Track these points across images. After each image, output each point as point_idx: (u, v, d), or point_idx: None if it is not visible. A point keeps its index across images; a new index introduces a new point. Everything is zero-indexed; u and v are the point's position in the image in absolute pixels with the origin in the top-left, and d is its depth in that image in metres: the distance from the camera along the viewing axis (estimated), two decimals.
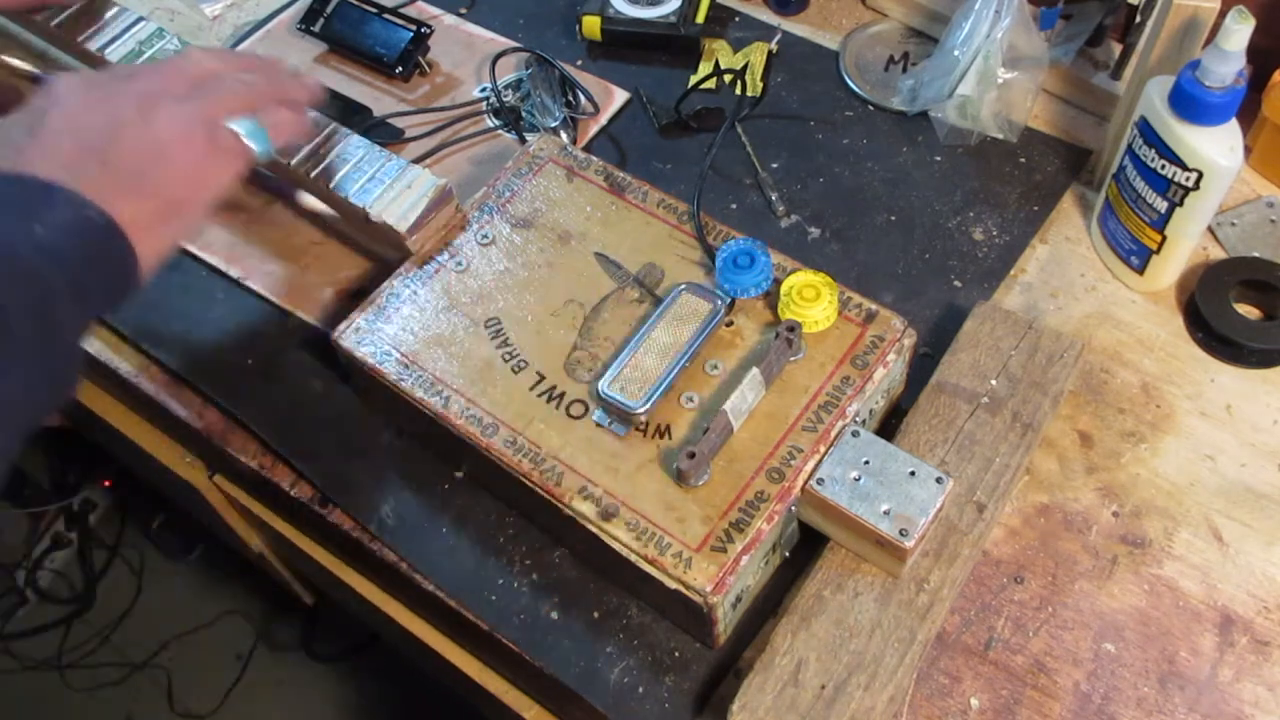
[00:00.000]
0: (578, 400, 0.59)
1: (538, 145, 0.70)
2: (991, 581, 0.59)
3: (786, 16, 0.89)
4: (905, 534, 0.53)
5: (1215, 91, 0.59)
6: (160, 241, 0.53)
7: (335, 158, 0.68)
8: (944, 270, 0.72)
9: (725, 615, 0.55)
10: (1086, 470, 0.63)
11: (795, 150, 0.79)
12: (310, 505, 0.66)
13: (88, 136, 0.51)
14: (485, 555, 0.62)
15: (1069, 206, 0.76)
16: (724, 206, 0.76)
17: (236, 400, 0.69)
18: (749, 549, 0.53)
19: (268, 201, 0.78)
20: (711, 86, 0.84)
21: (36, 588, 1.58)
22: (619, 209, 0.67)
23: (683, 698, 0.57)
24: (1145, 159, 0.64)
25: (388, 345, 0.61)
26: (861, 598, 0.56)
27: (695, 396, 0.58)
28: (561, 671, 0.59)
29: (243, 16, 0.92)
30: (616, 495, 0.55)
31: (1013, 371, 0.63)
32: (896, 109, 0.81)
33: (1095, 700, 0.55)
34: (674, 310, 0.60)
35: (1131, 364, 0.67)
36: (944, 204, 0.76)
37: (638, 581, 0.56)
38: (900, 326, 0.60)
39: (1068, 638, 0.57)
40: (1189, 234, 0.66)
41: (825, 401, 0.57)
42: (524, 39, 0.87)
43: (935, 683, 0.56)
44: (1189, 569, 0.59)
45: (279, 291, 0.74)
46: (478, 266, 0.65)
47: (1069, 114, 0.80)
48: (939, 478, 0.54)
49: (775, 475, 0.55)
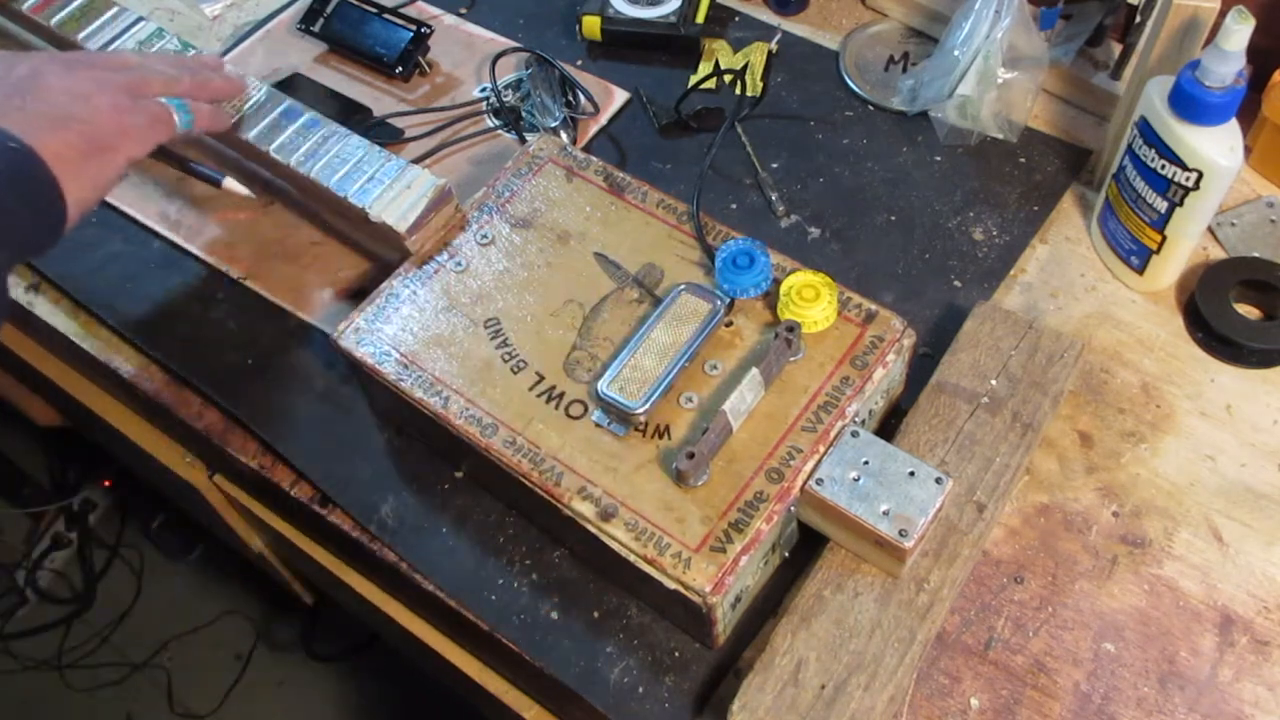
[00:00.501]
0: (577, 400, 0.59)
1: (537, 145, 0.70)
2: (991, 581, 0.59)
3: (786, 16, 0.89)
4: (905, 534, 0.53)
5: (1215, 91, 0.59)
6: (83, 180, 0.56)
7: (335, 158, 0.68)
8: (944, 270, 0.72)
9: (725, 615, 0.55)
10: (1086, 470, 0.63)
11: (795, 150, 0.79)
12: (310, 505, 0.66)
13: (11, 83, 0.56)
14: (485, 555, 0.62)
15: (1069, 206, 0.76)
16: (724, 206, 0.76)
17: (236, 400, 0.69)
18: (748, 549, 0.53)
19: (268, 201, 0.78)
20: (711, 86, 0.84)
21: (36, 588, 1.58)
22: (619, 209, 0.67)
23: (683, 698, 0.57)
24: (1145, 159, 0.64)
25: (387, 345, 0.61)
26: (861, 598, 0.56)
27: (695, 397, 0.58)
28: (561, 671, 0.59)
29: (243, 16, 0.92)
30: (616, 495, 0.55)
31: (1013, 371, 0.63)
32: (896, 109, 0.81)
33: (1095, 700, 0.55)
34: (673, 310, 0.60)
35: (1131, 364, 0.67)
36: (944, 204, 0.76)
37: (637, 582, 0.56)
38: (900, 327, 0.60)
39: (1068, 638, 0.57)
40: (1189, 234, 0.66)
41: (825, 402, 0.57)
42: (524, 39, 0.87)
43: (935, 683, 0.56)
44: (1189, 569, 0.59)
45: (279, 291, 0.74)
46: (477, 267, 0.65)
47: (1069, 114, 0.80)
48: (938, 478, 0.54)
49: (774, 475, 0.55)
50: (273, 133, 0.70)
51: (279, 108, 0.71)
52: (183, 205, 0.78)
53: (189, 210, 0.78)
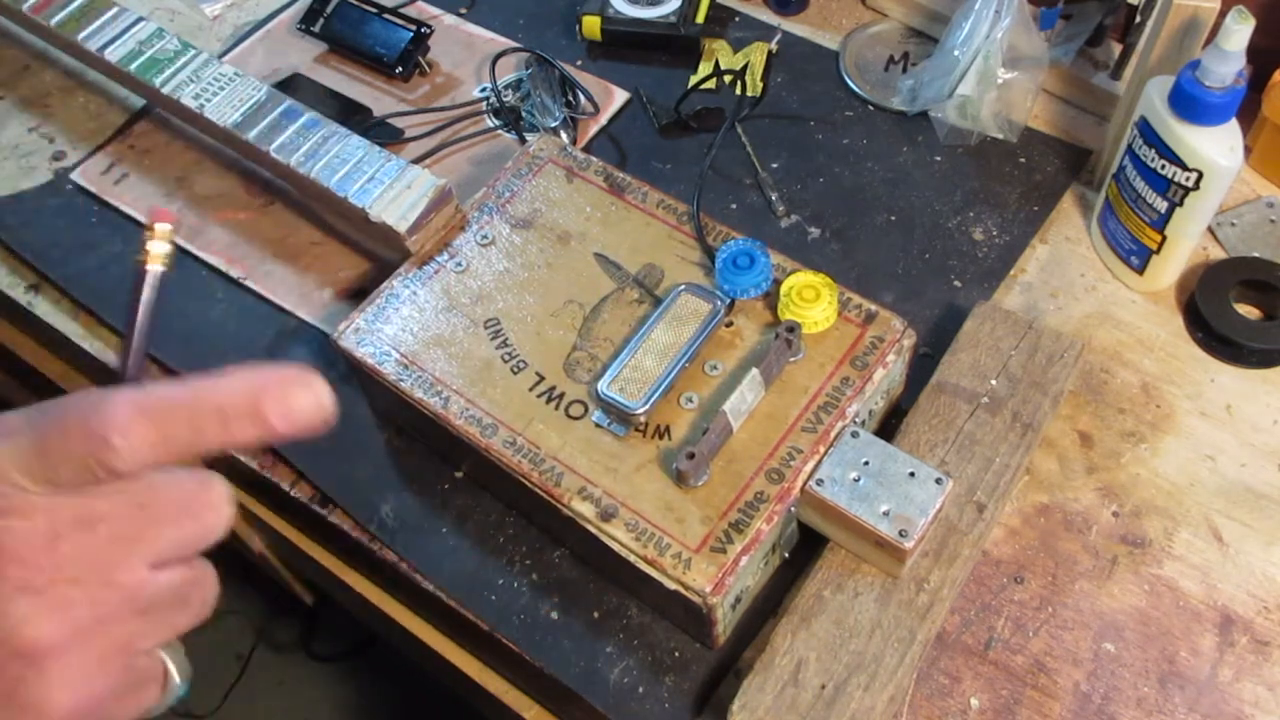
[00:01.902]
0: (577, 401, 0.59)
1: (538, 145, 0.70)
2: (991, 581, 0.59)
3: (786, 16, 0.89)
4: (905, 535, 0.53)
5: (1215, 91, 0.59)
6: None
7: (335, 158, 0.68)
8: (944, 270, 0.72)
9: (725, 616, 0.55)
10: (1086, 470, 0.63)
11: (795, 150, 0.79)
12: (310, 505, 0.66)
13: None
14: (485, 555, 0.62)
15: (1069, 206, 0.76)
16: (724, 206, 0.76)
17: None
18: (748, 550, 0.53)
19: (268, 201, 0.78)
20: (711, 86, 0.83)
21: None
22: (619, 209, 0.67)
23: (683, 698, 0.57)
24: (1145, 159, 0.64)
25: (387, 345, 0.61)
26: (861, 598, 0.56)
27: (695, 397, 0.58)
28: (561, 671, 0.59)
29: (243, 16, 0.92)
30: (616, 496, 0.55)
31: (1013, 371, 0.63)
32: (896, 109, 0.81)
33: (1095, 700, 0.55)
34: (674, 311, 0.60)
35: (1131, 364, 0.67)
36: (944, 204, 0.76)
37: (637, 582, 0.56)
38: (900, 327, 0.60)
39: (1068, 638, 0.57)
40: (1189, 234, 0.66)
41: (825, 402, 0.57)
42: (524, 39, 0.87)
43: (935, 683, 0.56)
44: (1189, 569, 0.59)
45: (279, 291, 0.74)
46: (477, 267, 0.65)
47: (1069, 114, 0.80)
48: (938, 478, 0.54)
49: (775, 476, 0.55)
50: (273, 133, 0.70)
51: (279, 108, 0.71)
52: (183, 205, 0.78)
53: (189, 210, 0.78)
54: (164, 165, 0.81)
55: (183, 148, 0.82)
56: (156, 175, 0.80)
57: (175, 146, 0.82)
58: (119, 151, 0.82)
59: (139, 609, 0.35)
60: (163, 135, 0.83)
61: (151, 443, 0.34)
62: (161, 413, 0.34)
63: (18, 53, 0.90)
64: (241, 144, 0.72)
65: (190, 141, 0.82)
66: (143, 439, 0.34)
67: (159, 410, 0.34)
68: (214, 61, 0.74)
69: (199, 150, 0.82)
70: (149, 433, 0.34)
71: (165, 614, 0.36)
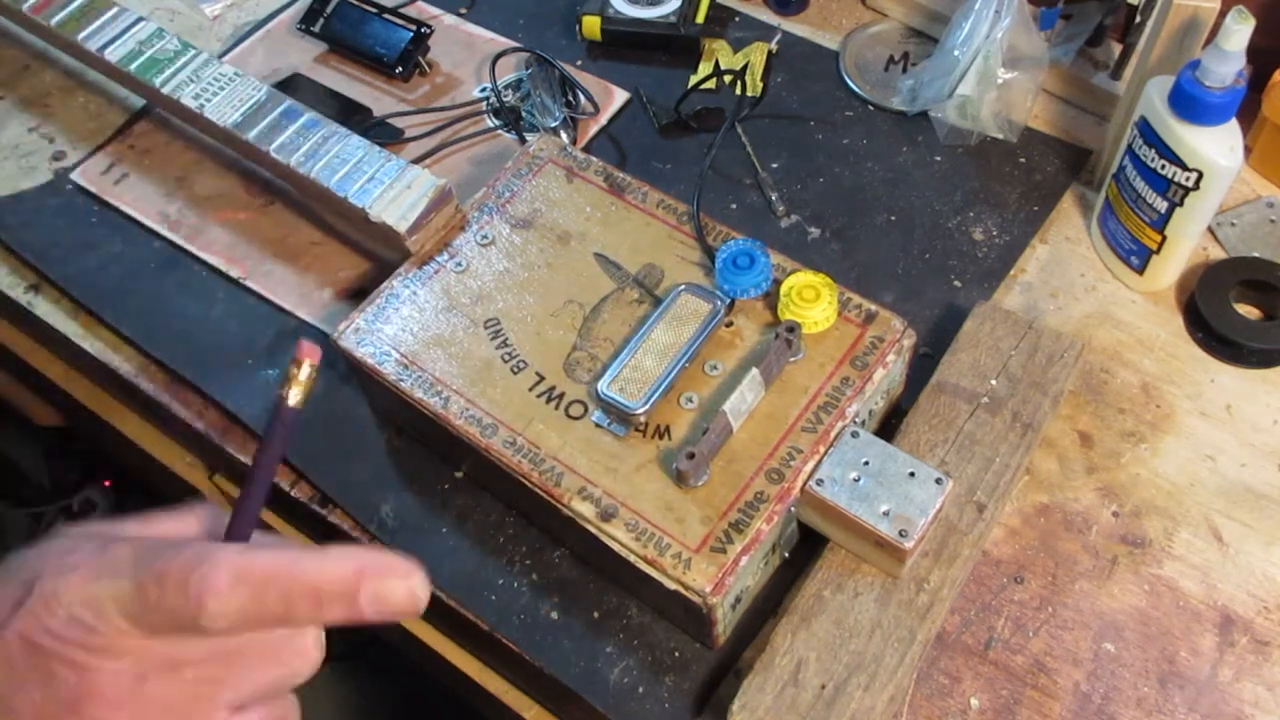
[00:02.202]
0: (577, 401, 0.59)
1: (537, 145, 0.70)
2: (991, 581, 0.59)
3: (786, 16, 0.89)
4: (905, 535, 0.53)
5: (1215, 91, 0.59)
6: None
7: (335, 158, 0.68)
8: (944, 270, 0.72)
9: (725, 616, 0.55)
10: (1086, 470, 0.63)
11: (795, 150, 0.79)
12: (310, 505, 0.66)
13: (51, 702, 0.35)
14: (485, 555, 0.62)
15: (1069, 206, 0.76)
16: (724, 206, 0.76)
17: (236, 400, 0.69)
18: (748, 550, 0.53)
19: (268, 201, 0.78)
20: (711, 86, 0.83)
21: None
22: (619, 209, 0.67)
23: (683, 698, 0.57)
24: (1145, 159, 0.64)
25: (387, 345, 0.61)
26: (861, 598, 0.56)
27: (695, 397, 0.58)
28: (561, 671, 0.59)
29: (243, 16, 0.92)
30: (616, 496, 0.55)
31: (1013, 371, 0.63)
32: (896, 109, 0.81)
33: (1095, 700, 0.55)
34: (674, 311, 0.60)
35: (1131, 364, 0.67)
36: (944, 204, 0.76)
37: (637, 582, 0.56)
38: (900, 327, 0.60)
39: (1068, 638, 0.57)
40: (1189, 234, 0.66)
41: (825, 402, 0.57)
42: (524, 39, 0.87)
43: (935, 683, 0.56)
44: (1189, 569, 0.59)
45: (279, 291, 0.74)
46: (477, 267, 0.65)
47: (1069, 114, 0.80)
48: (938, 478, 0.54)
49: (775, 476, 0.55)
50: (273, 133, 0.70)
51: (279, 108, 0.71)
52: (183, 205, 0.78)
53: (189, 210, 0.78)
54: (164, 165, 0.81)
55: (183, 148, 0.82)
56: (156, 175, 0.80)
57: (175, 146, 0.82)
58: (119, 151, 0.82)
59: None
60: (163, 135, 0.83)
61: (244, 612, 0.35)
62: (259, 585, 0.35)
63: (18, 53, 0.90)
64: (241, 144, 0.72)
65: (190, 141, 0.82)
66: (236, 608, 0.35)
67: (257, 581, 0.35)
68: (214, 61, 0.74)
69: (199, 150, 0.82)
70: (244, 603, 0.35)
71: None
